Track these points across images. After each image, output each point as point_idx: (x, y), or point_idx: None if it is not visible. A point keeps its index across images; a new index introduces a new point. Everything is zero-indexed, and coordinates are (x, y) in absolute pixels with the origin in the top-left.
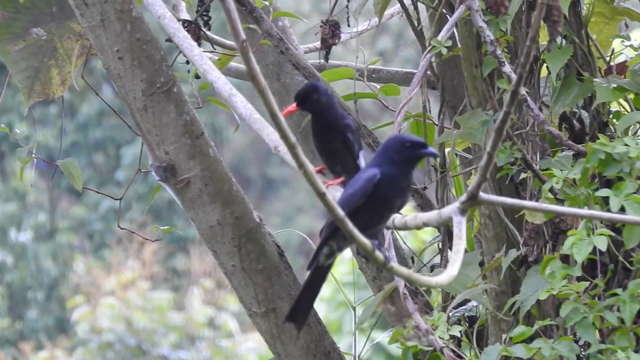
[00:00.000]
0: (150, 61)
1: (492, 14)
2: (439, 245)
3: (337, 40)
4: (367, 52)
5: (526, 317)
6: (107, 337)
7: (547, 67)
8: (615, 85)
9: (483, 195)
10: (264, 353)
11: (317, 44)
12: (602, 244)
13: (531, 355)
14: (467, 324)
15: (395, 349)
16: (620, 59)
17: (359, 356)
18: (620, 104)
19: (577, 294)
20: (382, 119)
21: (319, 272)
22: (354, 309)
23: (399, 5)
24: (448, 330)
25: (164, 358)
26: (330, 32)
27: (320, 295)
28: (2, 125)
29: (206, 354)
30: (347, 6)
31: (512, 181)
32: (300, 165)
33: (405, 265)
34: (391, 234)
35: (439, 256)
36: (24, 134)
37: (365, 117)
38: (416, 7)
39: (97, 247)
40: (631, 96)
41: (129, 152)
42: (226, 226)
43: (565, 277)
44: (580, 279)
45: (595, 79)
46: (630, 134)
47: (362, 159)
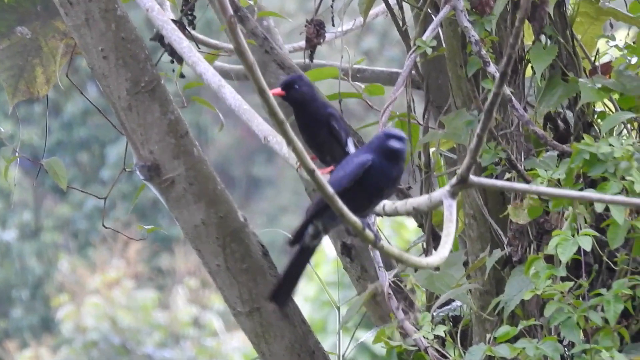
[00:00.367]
0: (134, 60)
1: (477, 14)
2: (423, 245)
3: (321, 40)
4: (352, 51)
5: (510, 317)
6: (91, 335)
7: (531, 67)
8: (600, 86)
9: (473, 177)
10: (249, 352)
11: (302, 44)
12: (586, 244)
13: (515, 355)
14: (452, 324)
15: (379, 348)
16: (605, 59)
17: (344, 356)
18: (605, 104)
19: (561, 294)
20: (367, 119)
21: (303, 253)
22: (338, 308)
23: (383, 5)
24: (432, 330)
25: (149, 357)
26: (315, 32)
27: (305, 294)
28: None
29: (191, 353)
30: (331, 6)
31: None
32: (290, 141)
33: (389, 265)
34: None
35: (423, 256)
36: (8, 132)
37: (350, 117)
38: (401, 7)
39: (81, 246)
40: (616, 96)
41: (114, 151)
42: (210, 226)
43: (550, 277)
44: (564, 279)
45: (580, 79)
46: (614, 134)
47: (351, 146)
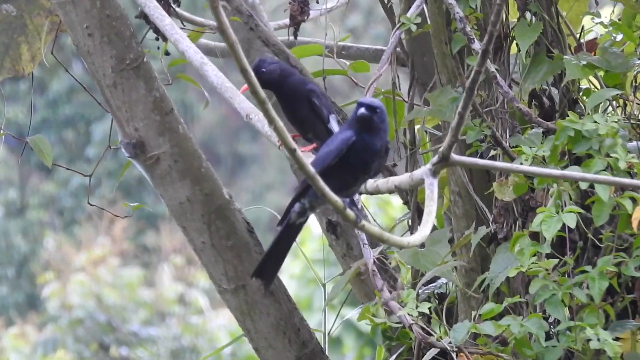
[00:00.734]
0: (119, 38)
1: None
2: (408, 222)
3: (306, 17)
4: (337, 29)
5: (496, 294)
6: (77, 313)
7: (516, 44)
8: (585, 63)
9: (454, 156)
10: (234, 329)
11: (287, 21)
12: (570, 221)
13: (500, 333)
14: (437, 301)
15: (365, 325)
16: (590, 36)
17: (329, 333)
18: (590, 81)
19: (546, 271)
20: (352, 96)
21: (289, 230)
22: (324, 286)
23: None
24: (417, 307)
25: (134, 334)
26: (299, 9)
27: (290, 272)
28: None
29: (176, 330)
30: None
31: (482, 158)
32: (271, 120)
33: (375, 242)
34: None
35: (409, 233)
36: None
37: (335, 94)
38: None
39: (67, 224)
40: (601, 73)
41: (99, 129)
42: (196, 203)
43: (535, 255)
44: (549, 256)
45: (565, 56)
46: (600, 111)
47: (333, 122)
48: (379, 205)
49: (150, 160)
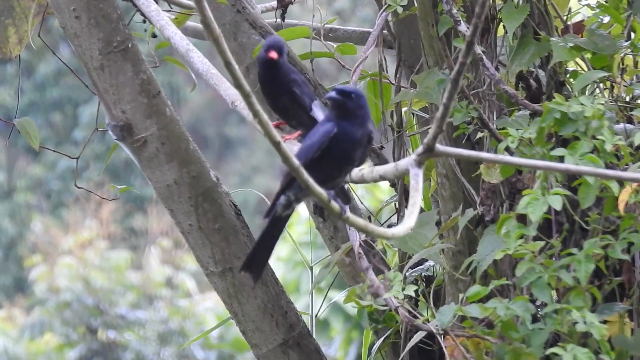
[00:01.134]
0: (106, 20)
1: None
2: (396, 204)
3: (293, 0)
4: (324, 11)
5: (483, 277)
6: (64, 296)
7: (503, 26)
8: (572, 45)
9: (439, 147)
10: (222, 312)
11: (274, 4)
12: (557, 204)
13: (487, 315)
14: (424, 284)
15: (352, 308)
16: (578, 18)
17: (316, 316)
18: (577, 63)
19: (532, 253)
20: (340, 79)
21: (276, 222)
22: (311, 268)
23: None
24: (403, 289)
25: (122, 317)
26: None
27: (278, 255)
28: None
29: (164, 313)
30: None
31: (469, 140)
32: (255, 113)
33: None
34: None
35: (396, 215)
36: None
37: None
38: None
39: (54, 207)
40: (588, 55)
41: (87, 112)
42: (183, 185)
43: (522, 237)
44: (536, 238)
45: (552, 38)
46: (586, 93)
47: (316, 110)
48: (367, 188)
49: (138, 142)
